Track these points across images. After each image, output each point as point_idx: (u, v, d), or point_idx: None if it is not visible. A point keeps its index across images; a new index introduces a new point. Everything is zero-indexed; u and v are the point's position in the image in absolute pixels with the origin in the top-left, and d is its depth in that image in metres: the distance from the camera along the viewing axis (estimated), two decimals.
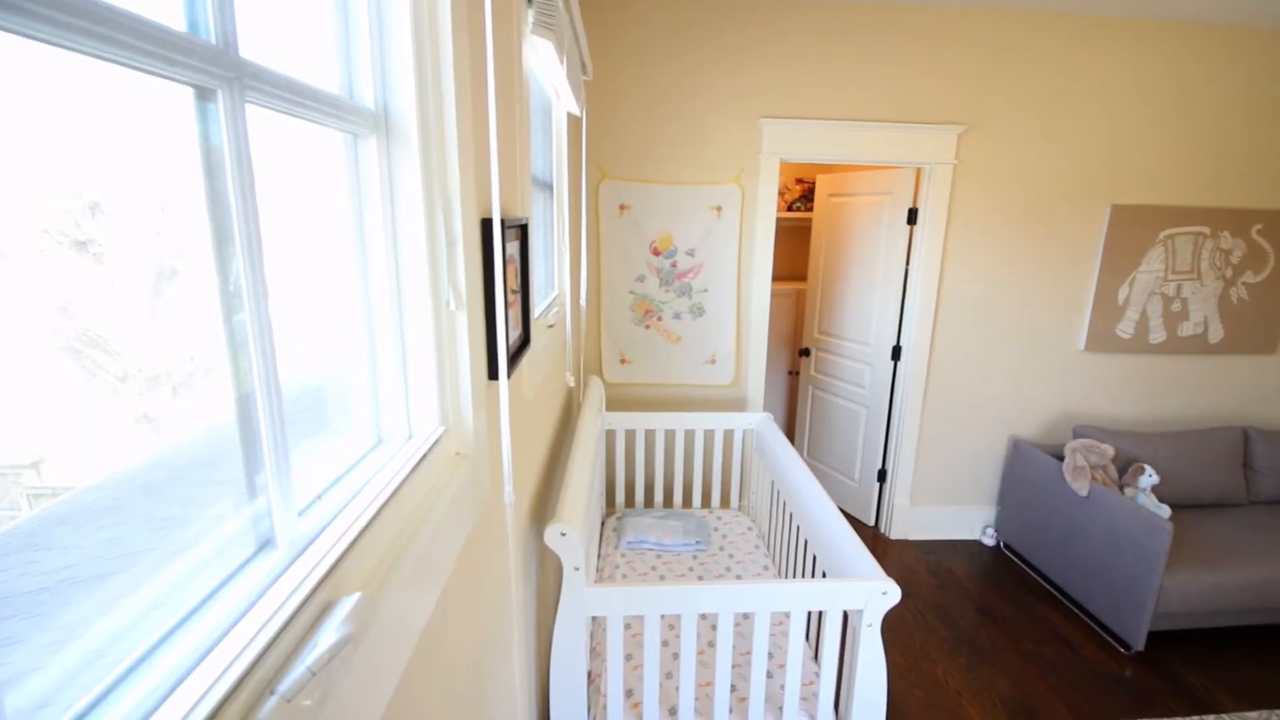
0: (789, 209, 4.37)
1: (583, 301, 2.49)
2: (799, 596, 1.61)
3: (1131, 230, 3.09)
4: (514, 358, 1.26)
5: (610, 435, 2.99)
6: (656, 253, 2.88)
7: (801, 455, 3.95)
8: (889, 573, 3.12)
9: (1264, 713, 2.32)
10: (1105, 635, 2.71)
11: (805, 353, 3.83)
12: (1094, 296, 3.14)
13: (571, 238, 2.32)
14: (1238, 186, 3.12)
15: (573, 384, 1.96)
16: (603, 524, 2.71)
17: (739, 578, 2.35)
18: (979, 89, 2.90)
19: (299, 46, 0.74)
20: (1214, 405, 3.38)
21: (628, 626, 2.02)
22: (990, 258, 3.09)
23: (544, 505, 1.82)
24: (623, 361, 2.98)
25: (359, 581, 0.63)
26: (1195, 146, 3.06)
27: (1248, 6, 2.69)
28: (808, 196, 4.39)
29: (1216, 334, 3.25)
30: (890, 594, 1.62)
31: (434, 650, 0.83)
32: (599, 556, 2.43)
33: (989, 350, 3.21)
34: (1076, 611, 2.86)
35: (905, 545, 3.37)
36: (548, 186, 2.03)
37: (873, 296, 3.33)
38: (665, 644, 1.94)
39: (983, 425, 3.30)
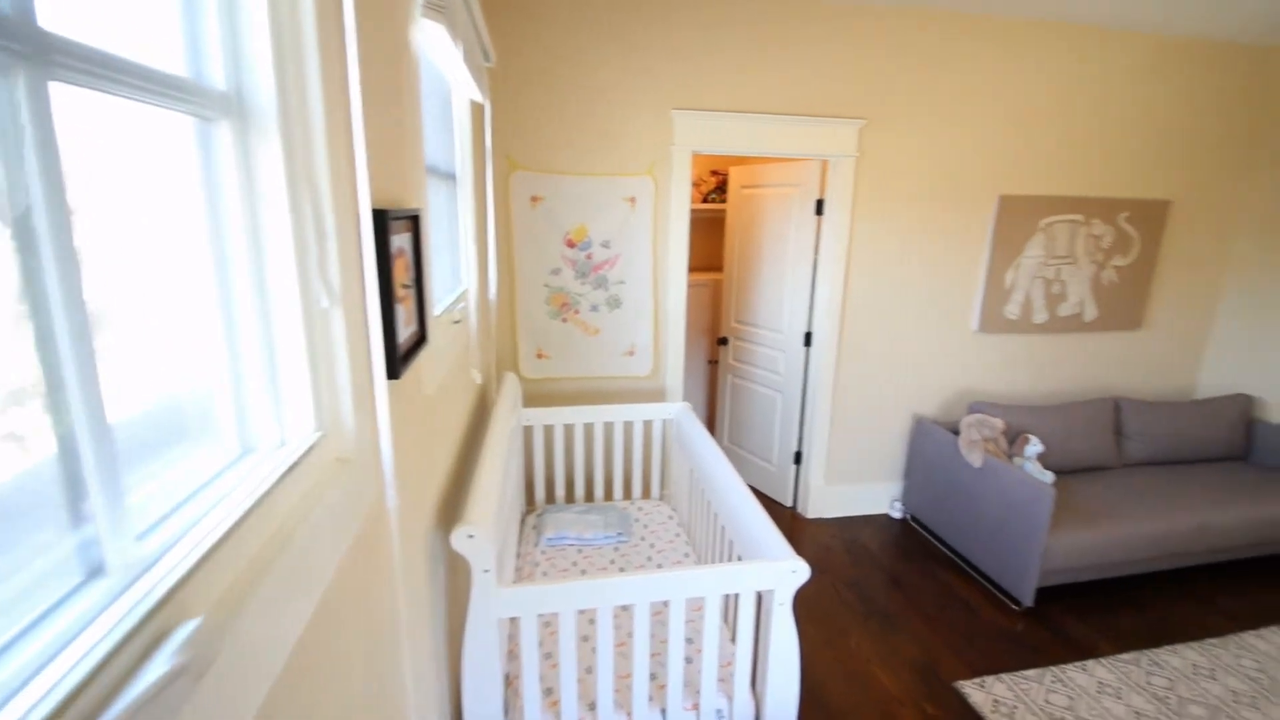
0: (704, 200, 4.44)
1: (492, 296, 2.43)
2: (712, 581, 1.63)
3: (1016, 219, 3.31)
4: (408, 355, 1.21)
5: (528, 431, 2.95)
6: (571, 245, 2.85)
7: (722, 442, 4.04)
8: (806, 551, 3.25)
9: (1136, 654, 2.57)
10: (1000, 594, 2.92)
11: (723, 342, 3.91)
12: (985, 281, 3.36)
13: (478, 230, 2.26)
14: (1107, 178, 3.41)
15: (480, 381, 1.91)
16: (522, 522, 2.67)
17: (660, 566, 2.38)
18: (878, 85, 3.03)
19: (130, 21, 0.67)
20: (1090, 378, 3.70)
21: (547, 624, 2.00)
22: (893, 246, 3.25)
23: (454, 508, 1.76)
24: (540, 356, 2.94)
25: (208, 603, 0.58)
26: (1071, 141, 3.31)
27: (1118, 12, 2.93)
28: (723, 188, 4.46)
29: (1091, 313, 3.55)
30: (799, 572, 1.68)
31: (313, 667, 0.78)
32: (518, 556, 2.39)
33: (893, 334, 3.37)
34: (974, 574, 3.06)
35: (821, 523, 3.51)
36: (449, 177, 1.97)
37: (785, 285, 3.43)
38: (586, 639, 1.94)
39: (889, 405, 3.48)
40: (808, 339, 3.38)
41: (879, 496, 3.61)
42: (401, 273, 1.21)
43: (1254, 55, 3.38)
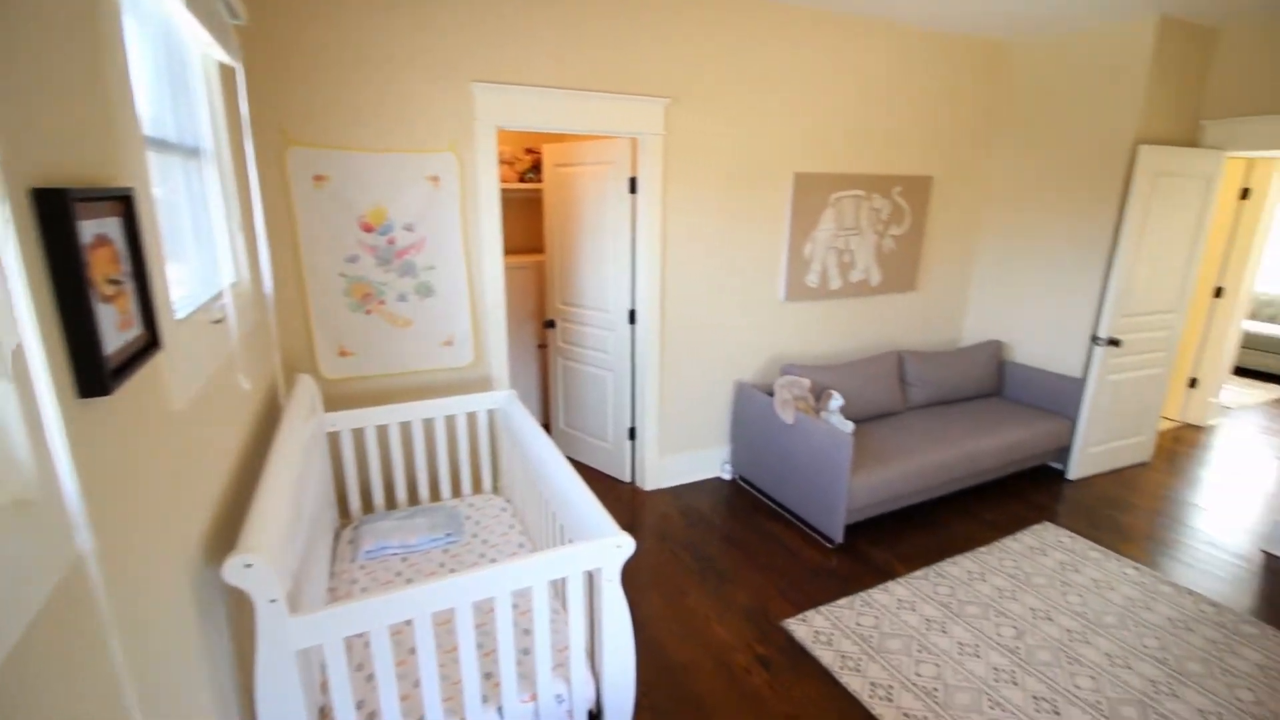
0: (521, 180, 4.31)
1: (269, 290, 2.13)
2: (537, 570, 1.58)
3: (810, 195, 3.61)
4: (127, 365, 0.99)
5: (334, 438, 2.67)
6: (369, 229, 2.60)
7: (559, 426, 4.00)
8: (647, 521, 3.34)
9: (925, 569, 2.96)
10: (816, 536, 3.21)
11: (551, 324, 3.85)
12: (787, 253, 3.63)
13: (243, 214, 1.96)
14: (883, 156, 3.82)
15: (248, 388, 1.67)
16: (336, 538, 2.43)
17: (494, 562, 2.29)
18: (684, 65, 3.10)
19: None
20: (878, 336, 4.17)
21: (369, 646, 1.83)
22: (704, 222, 3.38)
23: (231, 536, 1.53)
24: (343, 354, 2.67)
25: None
26: (853, 122, 3.66)
27: (888, 5, 3.25)
28: (539, 167, 4.36)
29: (876, 278, 3.99)
30: (624, 547, 1.69)
31: None
32: (332, 576, 2.17)
33: (712, 307, 3.53)
34: (795, 521, 3.34)
35: (659, 494, 3.62)
36: (192, 151, 1.67)
37: (606, 264, 3.44)
38: (413, 651, 1.81)
39: (712, 374, 3.65)
40: (632, 317, 3.42)
41: (711, 461, 3.80)
42: (107, 266, 0.99)
43: (992, 48, 3.96)
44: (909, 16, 3.45)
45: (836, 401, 3.24)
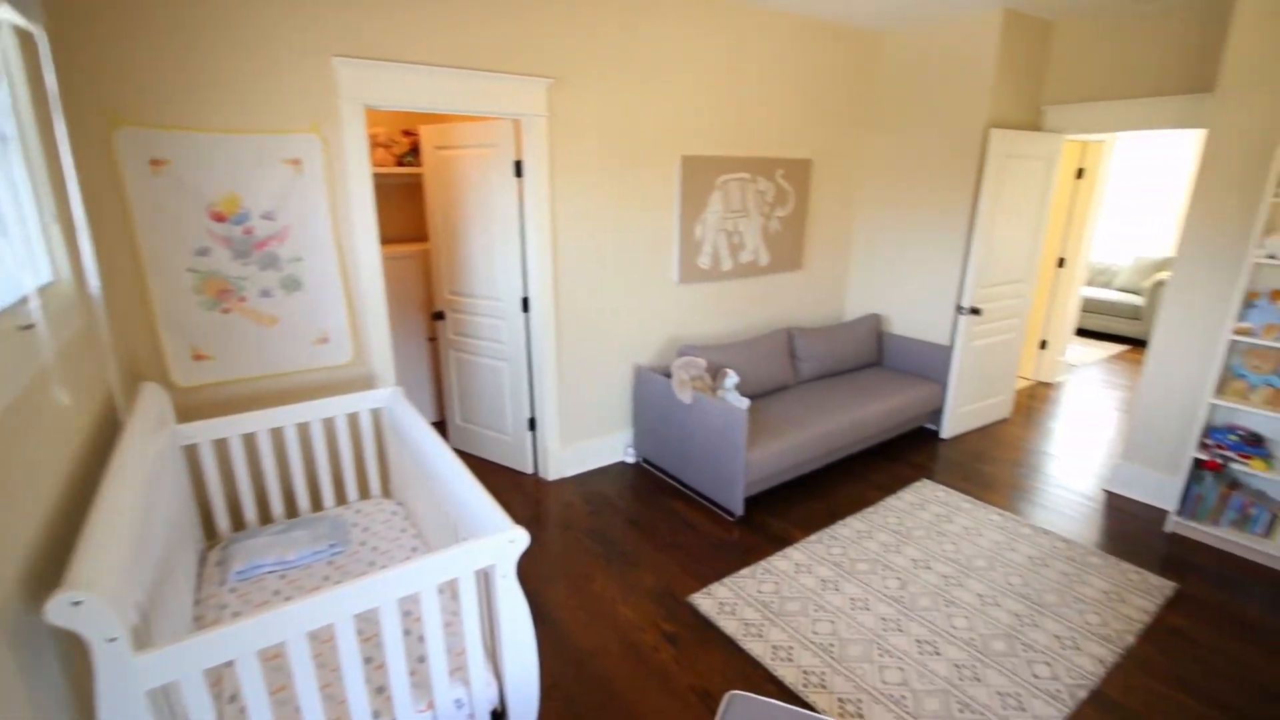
0: (399, 163, 4.07)
1: (95, 289, 1.87)
2: (422, 574, 1.51)
3: (698, 178, 3.65)
4: None
5: (192, 451, 2.41)
6: (220, 218, 2.35)
7: (455, 421, 3.86)
8: (551, 512, 3.29)
9: (819, 533, 3.11)
10: (718, 510, 3.30)
11: (440, 316, 3.69)
12: (679, 236, 3.67)
13: (57, 203, 1.71)
14: (766, 140, 3.93)
15: (67, 401, 1.46)
16: (202, 561, 2.21)
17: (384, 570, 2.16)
18: (565, 45, 3.02)
19: None
20: (769, 314, 4.32)
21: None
22: (595, 206, 3.34)
23: (60, 571, 1.34)
24: (198, 357, 2.41)
25: None
26: (738, 106, 3.73)
27: None
28: (419, 150, 4.14)
29: (764, 259, 4.12)
30: (518, 541, 1.64)
31: None
32: (196, 603, 1.97)
33: (607, 290, 3.51)
34: (698, 498, 3.41)
35: (563, 483, 3.58)
36: None
37: (495, 251, 3.33)
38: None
39: (612, 358, 3.64)
40: (525, 304, 3.34)
41: (614, 446, 3.80)
42: None
43: (864, 37, 4.15)
44: (789, 4, 3.55)
45: (732, 379, 3.32)
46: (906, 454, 4.02)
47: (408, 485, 2.52)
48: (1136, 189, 7.18)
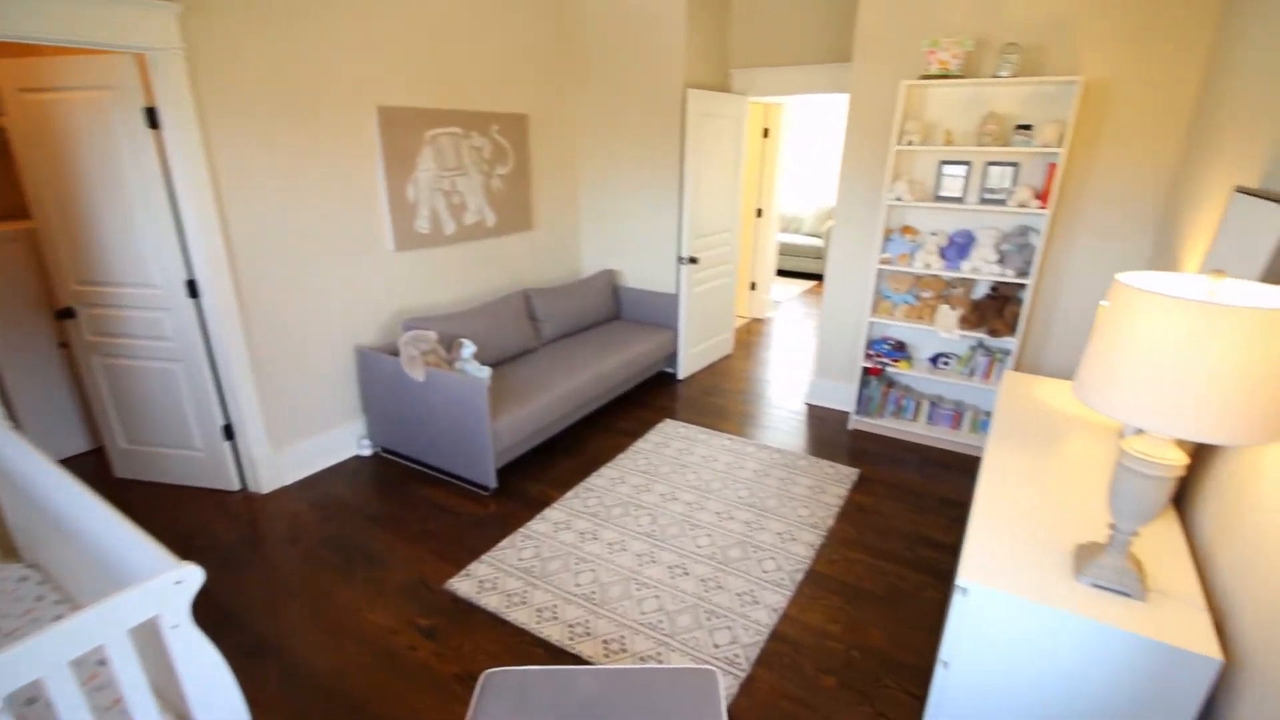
0: None
1: None
2: (42, 654, 1.11)
3: (402, 132, 3.30)
4: None
5: None
6: None
7: (119, 445, 3.05)
8: (270, 531, 2.80)
9: (575, 489, 3.13)
10: (471, 488, 3.14)
11: (68, 314, 2.84)
12: (388, 198, 3.30)
13: None
14: (478, 93, 3.70)
15: None
16: None
17: None
18: None
19: None
20: (503, 277, 4.18)
21: None
22: (275, 165, 2.81)
23: None
24: None
25: None
26: (446, 57, 3.42)
27: None
28: None
29: (492, 220, 3.95)
30: (188, 580, 1.30)
31: None
32: None
33: (306, 264, 3.02)
34: (447, 479, 3.21)
35: (284, 493, 3.08)
36: None
37: (136, 226, 2.63)
38: None
39: (325, 342, 3.19)
40: (193, 289, 2.72)
41: (344, 441, 3.38)
42: None
43: None
44: None
45: (468, 349, 3.14)
46: (650, 398, 4.27)
47: (37, 541, 1.90)
48: (813, 146, 8.49)
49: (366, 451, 3.44)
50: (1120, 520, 1.27)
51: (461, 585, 2.47)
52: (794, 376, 4.73)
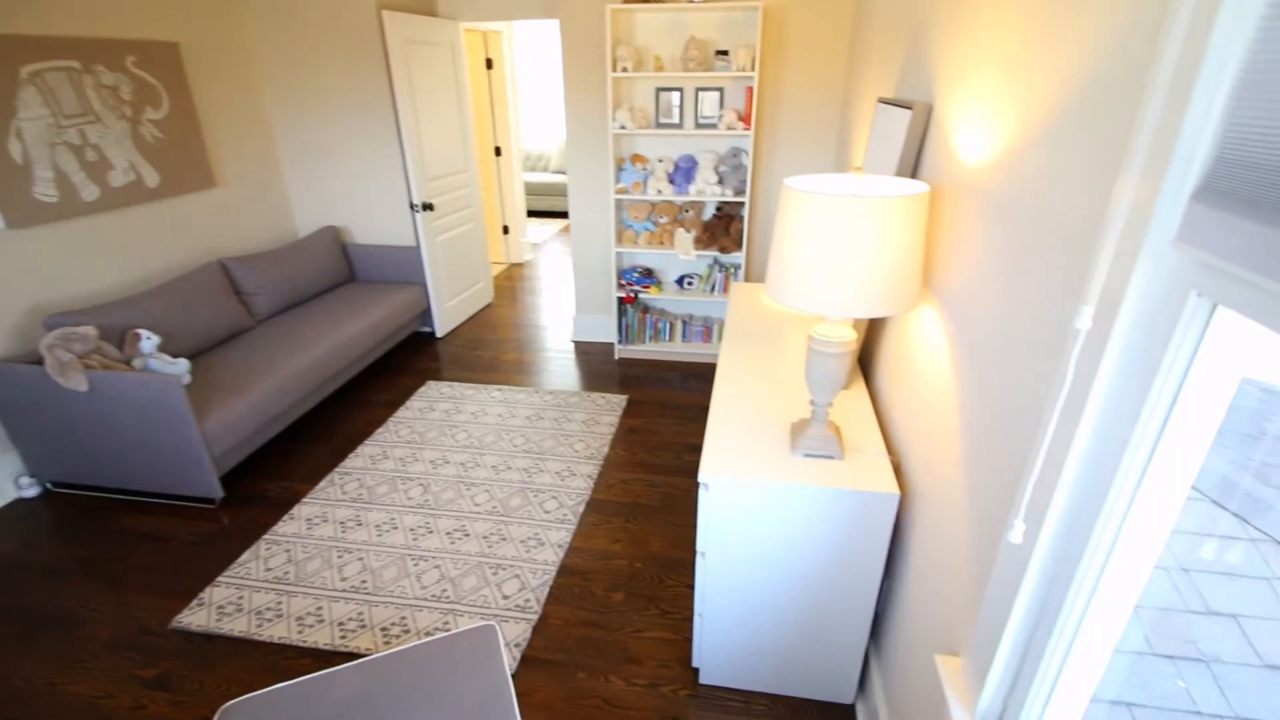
0: None
1: None
2: None
3: None
4: None
5: None
6: None
7: None
8: None
9: (329, 476, 2.79)
10: (190, 505, 2.62)
11: None
12: None
13: None
14: (97, 14, 2.85)
15: None
16: None
17: None
18: None
19: None
20: (186, 248, 3.41)
21: None
22: None
23: None
24: None
25: None
26: None
27: None
28: None
29: (153, 179, 3.17)
30: None
31: None
32: None
33: None
34: (155, 502, 2.64)
35: None
36: None
37: None
38: None
39: None
40: None
41: None
42: None
43: None
44: None
45: (149, 342, 2.54)
46: (408, 362, 3.95)
47: None
48: (547, 79, 8.24)
49: (30, 492, 2.66)
50: (817, 394, 1.45)
51: (193, 618, 2.07)
52: (559, 317, 4.73)
